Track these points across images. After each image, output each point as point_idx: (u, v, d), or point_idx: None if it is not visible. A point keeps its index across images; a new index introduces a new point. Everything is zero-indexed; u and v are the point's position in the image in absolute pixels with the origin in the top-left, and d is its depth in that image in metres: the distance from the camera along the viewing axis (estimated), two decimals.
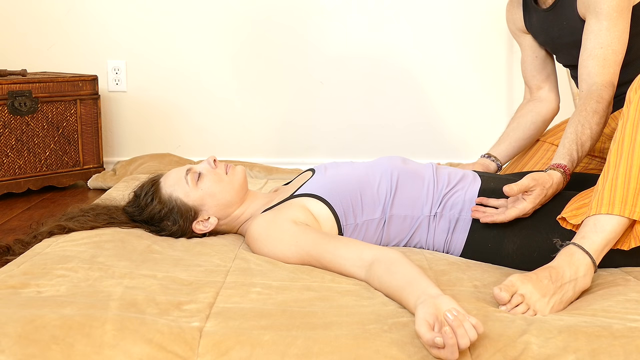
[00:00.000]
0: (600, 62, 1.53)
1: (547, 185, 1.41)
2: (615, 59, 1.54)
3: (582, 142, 1.48)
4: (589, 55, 1.55)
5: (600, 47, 1.53)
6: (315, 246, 1.37)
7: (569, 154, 1.47)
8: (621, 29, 1.53)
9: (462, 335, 0.99)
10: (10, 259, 1.45)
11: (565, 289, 1.22)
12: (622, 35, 1.53)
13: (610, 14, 1.51)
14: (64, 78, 2.51)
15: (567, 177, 1.45)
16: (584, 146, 1.49)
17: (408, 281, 1.17)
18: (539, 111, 1.90)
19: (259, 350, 1.01)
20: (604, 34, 1.53)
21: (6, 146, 2.37)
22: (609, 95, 1.52)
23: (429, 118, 2.95)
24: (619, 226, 1.27)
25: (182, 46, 2.90)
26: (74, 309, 1.06)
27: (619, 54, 1.54)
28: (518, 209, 1.40)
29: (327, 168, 1.61)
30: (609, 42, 1.52)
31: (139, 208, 1.59)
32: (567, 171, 1.45)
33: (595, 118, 1.50)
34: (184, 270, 1.32)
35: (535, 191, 1.40)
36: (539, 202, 1.41)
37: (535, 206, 1.41)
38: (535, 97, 1.92)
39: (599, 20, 1.53)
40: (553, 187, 1.42)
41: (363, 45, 2.90)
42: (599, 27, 1.53)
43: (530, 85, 1.93)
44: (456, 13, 2.88)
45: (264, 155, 2.95)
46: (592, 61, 1.54)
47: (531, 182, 1.39)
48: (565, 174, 1.44)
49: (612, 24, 1.52)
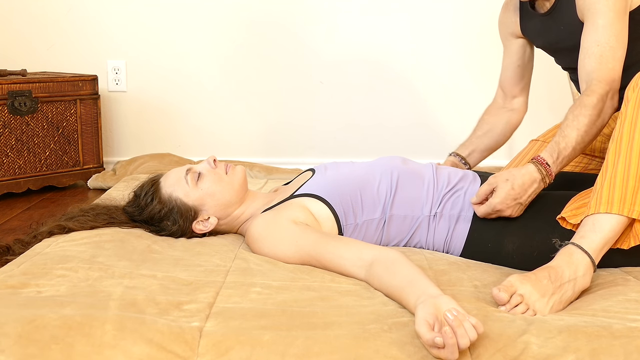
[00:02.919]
0: (596, 59, 1.52)
1: (510, 177, 1.43)
2: (613, 55, 1.51)
3: (565, 133, 1.46)
4: (585, 54, 1.54)
5: (597, 45, 1.52)
6: (315, 246, 1.37)
7: (549, 146, 1.47)
8: (618, 28, 1.52)
9: (462, 335, 0.99)
10: (10, 259, 1.45)
11: (565, 289, 1.22)
12: (620, 34, 1.52)
13: (607, 13, 1.51)
14: (64, 78, 2.52)
15: (544, 167, 1.44)
16: (568, 137, 1.46)
17: (408, 281, 1.17)
18: (511, 122, 1.93)
19: (259, 350, 1.01)
20: (601, 32, 1.52)
21: (6, 146, 2.37)
22: (602, 89, 1.49)
23: (429, 118, 2.96)
24: (617, 225, 1.27)
25: (182, 46, 2.90)
26: (74, 309, 1.06)
27: (617, 51, 1.52)
28: (486, 205, 1.44)
29: (327, 168, 1.61)
30: (606, 40, 1.51)
31: (139, 208, 1.59)
32: (542, 160, 1.44)
33: (582, 110, 1.47)
34: (184, 270, 1.32)
35: (499, 186, 1.43)
36: (509, 196, 1.42)
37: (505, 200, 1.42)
38: (507, 105, 1.93)
39: (595, 20, 1.53)
40: (520, 178, 1.42)
41: (363, 45, 2.90)
42: (595, 26, 1.53)
43: (505, 91, 1.93)
44: (455, 14, 2.88)
45: (264, 155, 2.95)
46: (588, 59, 1.54)
47: (492, 179, 1.45)
48: (540, 163, 1.44)
49: (608, 23, 1.51)
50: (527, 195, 1.43)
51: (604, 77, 1.50)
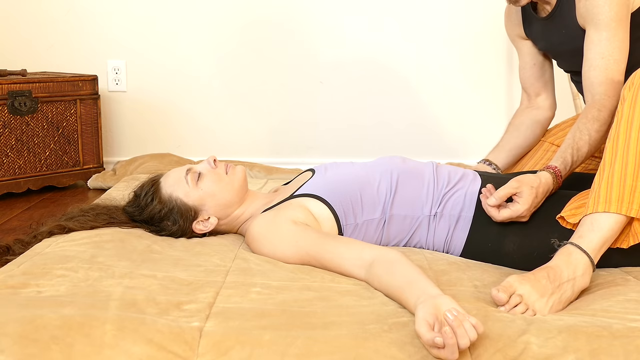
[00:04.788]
0: (602, 72, 1.54)
1: (535, 184, 1.41)
2: (617, 68, 1.54)
3: (578, 147, 1.50)
4: (590, 66, 1.56)
5: (601, 58, 1.54)
6: (315, 246, 1.37)
7: (562, 157, 1.49)
8: (621, 38, 1.54)
9: (462, 335, 0.99)
10: (10, 259, 1.45)
11: (564, 289, 1.22)
12: (623, 44, 1.55)
13: (609, 24, 1.52)
14: (64, 78, 2.52)
15: (557, 179, 1.46)
16: (580, 151, 1.50)
17: (408, 281, 1.17)
18: (538, 119, 1.90)
19: (259, 350, 1.01)
20: (604, 44, 1.54)
21: (6, 146, 2.37)
22: (611, 104, 1.52)
23: (429, 118, 2.95)
24: (616, 224, 1.27)
25: (182, 46, 2.90)
26: (74, 309, 1.06)
27: (620, 63, 1.55)
28: (511, 210, 1.40)
29: (327, 168, 1.61)
30: (610, 52, 1.54)
31: (139, 208, 1.59)
32: (558, 172, 1.46)
33: (595, 125, 1.51)
34: (184, 270, 1.32)
35: (524, 191, 1.40)
36: (532, 203, 1.41)
37: (529, 207, 1.41)
38: (533, 104, 1.92)
39: (598, 31, 1.54)
40: (542, 187, 1.42)
41: (363, 45, 2.90)
42: (598, 38, 1.54)
43: (528, 91, 1.92)
44: (455, 14, 2.88)
45: (264, 155, 2.95)
46: (594, 72, 1.56)
47: (515, 183, 1.40)
48: (556, 174, 1.45)
49: (611, 34, 1.53)
50: (542, 197, 1.44)
51: (613, 92, 1.54)
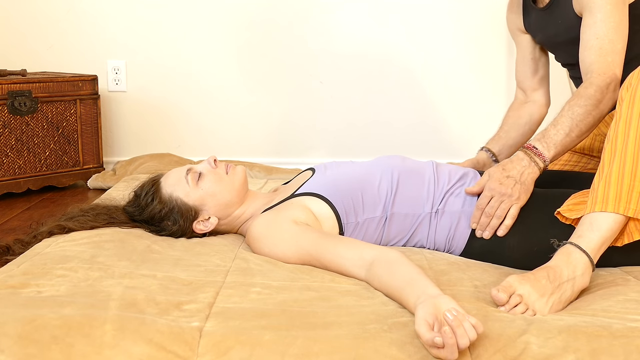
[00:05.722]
0: (595, 52, 1.52)
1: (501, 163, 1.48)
2: (612, 48, 1.51)
3: (557, 121, 1.49)
4: (585, 48, 1.55)
5: (595, 38, 1.52)
6: (316, 246, 1.37)
7: (541, 133, 1.51)
8: (617, 20, 1.51)
9: (462, 335, 0.99)
10: (10, 259, 1.45)
11: (564, 289, 1.22)
12: (619, 26, 1.52)
13: (604, 6, 1.51)
14: (63, 78, 2.52)
15: (530, 150, 1.47)
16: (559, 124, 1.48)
17: (408, 281, 1.17)
18: (533, 114, 1.90)
19: (259, 350, 1.01)
20: (599, 25, 1.52)
21: (6, 146, 2.38)
22: (602, 81, 1.49)
23: (429, 117, 2.96)
24: (614, 224, 1.27)
25: (182, 46, 2.90)
26: (74, 309, 1.06)
27: (616, 43, 1.51)
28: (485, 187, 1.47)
29: (327, 167, 1.61)
30: (605, 33, 1.51)
31: (139, 208, 1.59)
32: (527, 145, 1.48)
33: (579, 101, 1.49)
34: (184, 270, 1.32)
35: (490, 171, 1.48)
36: (504, 174, 1.45)
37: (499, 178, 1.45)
38: (530, 99, 1.92)
39: (592, 14, 1.53)
40: (512, 162, 1.47)
41: (362, 44, 2.90)
42: (593, 20, 1.53)
43: (523, 86, 1.92)
44: (456, 12, 2.88)
45: (264, 155, 2.95)
46: (587, 52, 1.54)
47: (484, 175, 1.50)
48: (525, 147, 1.48)
49: (606, 16, 1.51)
50: (516, 170, 1.45)
51: (603, 69, 1.51)
